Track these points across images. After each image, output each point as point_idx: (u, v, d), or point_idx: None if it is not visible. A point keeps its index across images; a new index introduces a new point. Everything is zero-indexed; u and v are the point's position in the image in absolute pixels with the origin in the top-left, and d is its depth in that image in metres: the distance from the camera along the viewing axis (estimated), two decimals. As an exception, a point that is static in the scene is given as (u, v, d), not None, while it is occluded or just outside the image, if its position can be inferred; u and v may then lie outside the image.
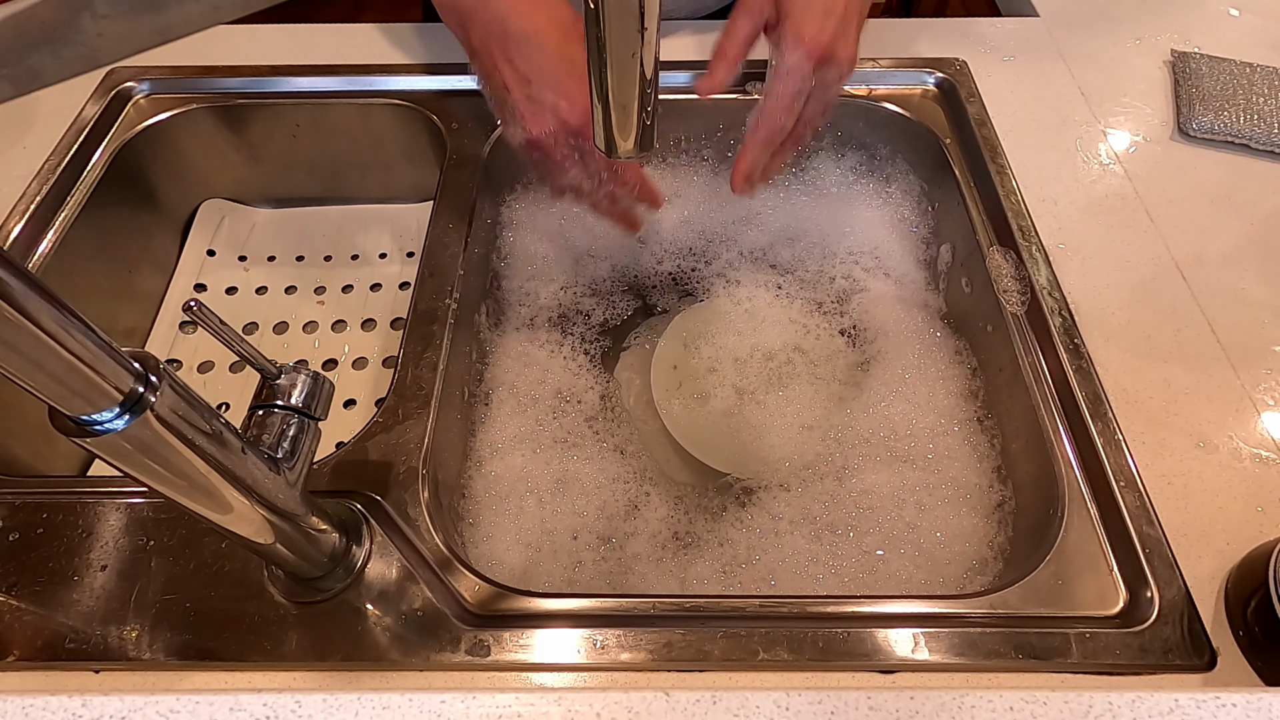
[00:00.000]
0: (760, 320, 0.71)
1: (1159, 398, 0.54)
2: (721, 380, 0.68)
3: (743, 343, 0.70)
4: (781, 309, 0.72)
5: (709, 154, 0.80)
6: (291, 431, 0.39)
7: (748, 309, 0.72)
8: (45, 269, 0.65)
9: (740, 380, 0.68)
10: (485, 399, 0.65)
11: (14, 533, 0.48)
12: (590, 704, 0.36)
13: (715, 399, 0.67)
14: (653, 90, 0.39)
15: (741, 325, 0.71)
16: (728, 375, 0.68)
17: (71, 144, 0.70)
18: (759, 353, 0.69)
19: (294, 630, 0.45)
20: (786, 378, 0.68)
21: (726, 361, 0.69)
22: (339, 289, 0.79)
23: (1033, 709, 0.35)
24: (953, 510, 0.58)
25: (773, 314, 0.72)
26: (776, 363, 0.69)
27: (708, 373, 0.69)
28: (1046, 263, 0.62)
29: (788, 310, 0.72)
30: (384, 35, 0.81)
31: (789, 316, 0.72)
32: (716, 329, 0.71)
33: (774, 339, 0.70)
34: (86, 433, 0.28)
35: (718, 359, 0.69)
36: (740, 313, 0.72)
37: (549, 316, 0.73)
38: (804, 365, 0.68)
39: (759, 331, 0.70)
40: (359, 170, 0.82)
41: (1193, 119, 0.71)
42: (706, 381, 0.69)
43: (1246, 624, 0.44)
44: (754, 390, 0.67)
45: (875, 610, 0.46)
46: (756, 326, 0.71)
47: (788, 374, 0.68)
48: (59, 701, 0.35)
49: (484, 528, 0.58)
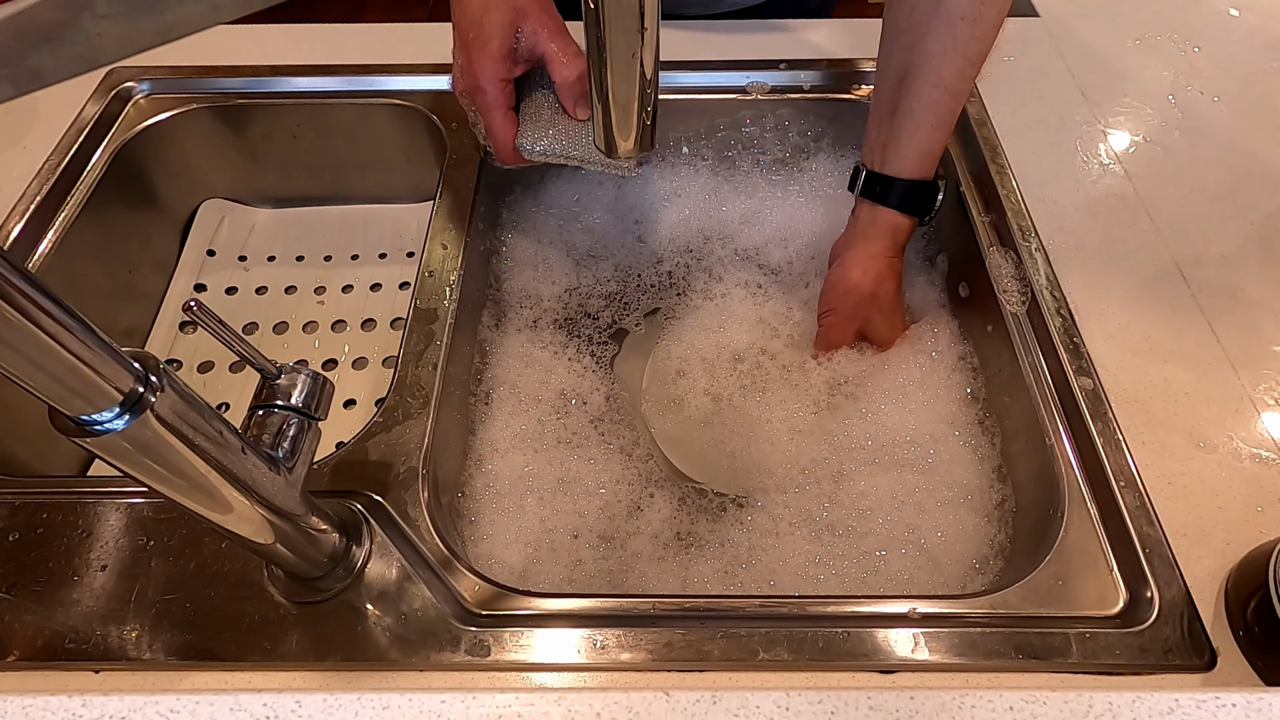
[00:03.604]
0: (737, 320, 0.71)
1: (1159, 398, 0.54)
2: (692, 385, 0.68)
3: (710, 341, 0.70)
4: (766, 307, 0.72)
5: (709, 154, 0.80)
6: (291, 431, 0.39)
7: (720, 308, 0.72)
8: (45, 269, 0.65)
9: (713, 385, 0.68)
10: (486, 399, 0.65)
11: (14, 533, 0.48)
12: (590, 704, 0.36)
13: (690, 406, 0.68)
14: (653, 90, 0.39)
15: (710, 324, 0.71)
16: (698, 380, 0.68)
17: (71, 144, 0.70)
18: (727, 353, 0.70)
19: (294, 630, 0.45)
20: (763, 382, 0.68)
21: (695, 364, 0.69)
22: (339, 289, 0.79)
23: (1033, 709, 0.35)
24: (952, 510, 0.58)
25: (756, 313, 0.72)
26: (748, 364, 0.69)
27: (677, 377, 0.69)
28: (1046, 263, 0.62)
29: (776, 308, 0.72)
30: (384, 35, 0.81)
31: (758, 316, 0.72)
32: (694, 338, 0.71)
33: (742, 338, 0.70)
34: (86, 433, 0.28)
35: (687, 360, 0.70)
36: (713, 311, 0.72)
37: (549, 317, 0.73)
38: (776, 370, 0.69)
39: (726, 331, 0.71)
40: (359, 170, 0.82)
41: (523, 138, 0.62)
42: (678, 387, 0.69)
43: (1246, 624, 0.44)
44: (730, 395, 0.67)
45: (875, 610, 0.46)
46: (735, 327, 0.71)
47: (767, 378, 0.68)
48: (59, 701, 0.35)
49: (484, 526, 0.58)
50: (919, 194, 0.62)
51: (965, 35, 0.56)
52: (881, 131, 0.62)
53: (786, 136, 0.80)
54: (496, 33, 0.57)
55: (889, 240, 0.63)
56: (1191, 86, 0.77)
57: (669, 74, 0.77)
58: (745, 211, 0.78)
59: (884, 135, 0.61)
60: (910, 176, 0.61)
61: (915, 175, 0.61)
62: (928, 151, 0.60)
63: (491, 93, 0.59)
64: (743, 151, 0.80)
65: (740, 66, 0.78)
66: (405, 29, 0.81)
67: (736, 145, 0.80)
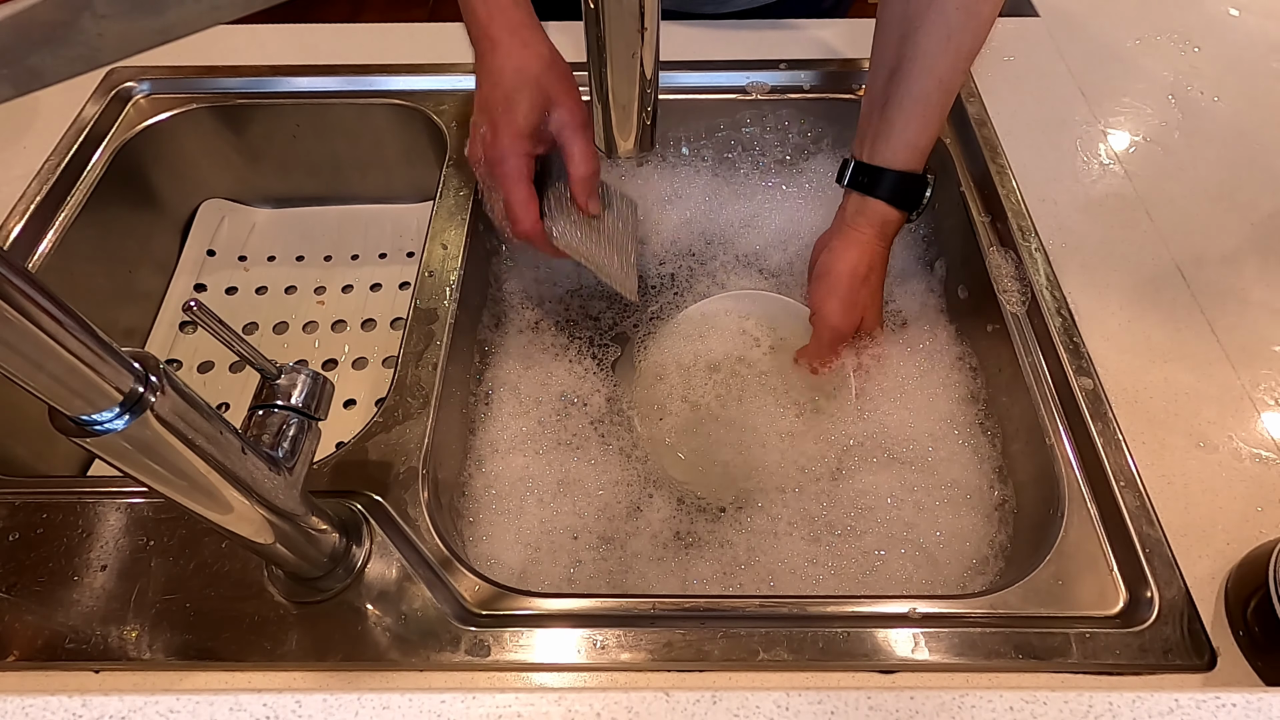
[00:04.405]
0: (723, 325, 0.71)
1: (1159, 398, 0.54)
2: (678, 389, 0.68)
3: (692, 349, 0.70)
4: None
5: (709, 154, 0.80)
6: (291, 431, 0.39)
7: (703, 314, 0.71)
8: (45, 269, 0.65)
9: (697, 393, 0.67)
10: (486, 399, 0.65)
11: (14, 533, 0.48)
12: (590, 704, 0.36)
13: (675, 415, 0.67)
14: (653, 90, 0.39)
15: (695, 330, 0.70)
16: (699, 385, 0.68)
17: (71, 144, 0.70)
18: (730, 357, 0.69)
19: (294, 630, 0.45)
20: (746, 388, 0.67)
21: (700, 370, 0.68)
22: (339, 289, 0.79)
23: (1033, 709, 0.35)
24: (952, 510, 0.58)
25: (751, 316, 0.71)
26: (723, 370, 0.68)
27: (661, 380, 0.68)
28: (1046, 263, 0.62)
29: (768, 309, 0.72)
30: (384, 35, 0.81)
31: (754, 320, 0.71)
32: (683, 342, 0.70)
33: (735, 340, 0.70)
34: (86, 433, 0.28)
35: (691, 367, 0.69)
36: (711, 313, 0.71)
37: (550, 318, 0.73)
38: (755, 377, 0.68)
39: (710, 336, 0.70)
40: (359, 170, 0.82)
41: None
42: (658, 391, 0.68)
43: (1246, 624, 0.44)
44: (721, 401, 0.67)
45: (875, 610, 0.46)
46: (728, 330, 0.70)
47: (746, 385, 0.67)
48: (59, 701, 0.35)
49: (484, 527, 0.58)
50: (908, 186, 0.61)
51: (959, 29, 0.56)
52: (872, 124, 0.61)
53: (786, 137, 0.80)
54: (527, 110, 0.58)
55: (876, 230, 0.62)
56: (1191, 86, 0.77)
57: (669, 74, 0.77)
58: (745, 214, 0.78)
59: (874, 127, 0.61)
60: (899, 168, 0.60)
61: (904, 167, 0.60)
62: (917, 144, 0.60)
63: (515, 164, 0.59)
64: (743, 153, 0.80)
65: (740, 66, 0.78)
66: (405, 29, 0.81)
67: (737, 145, 0.80)
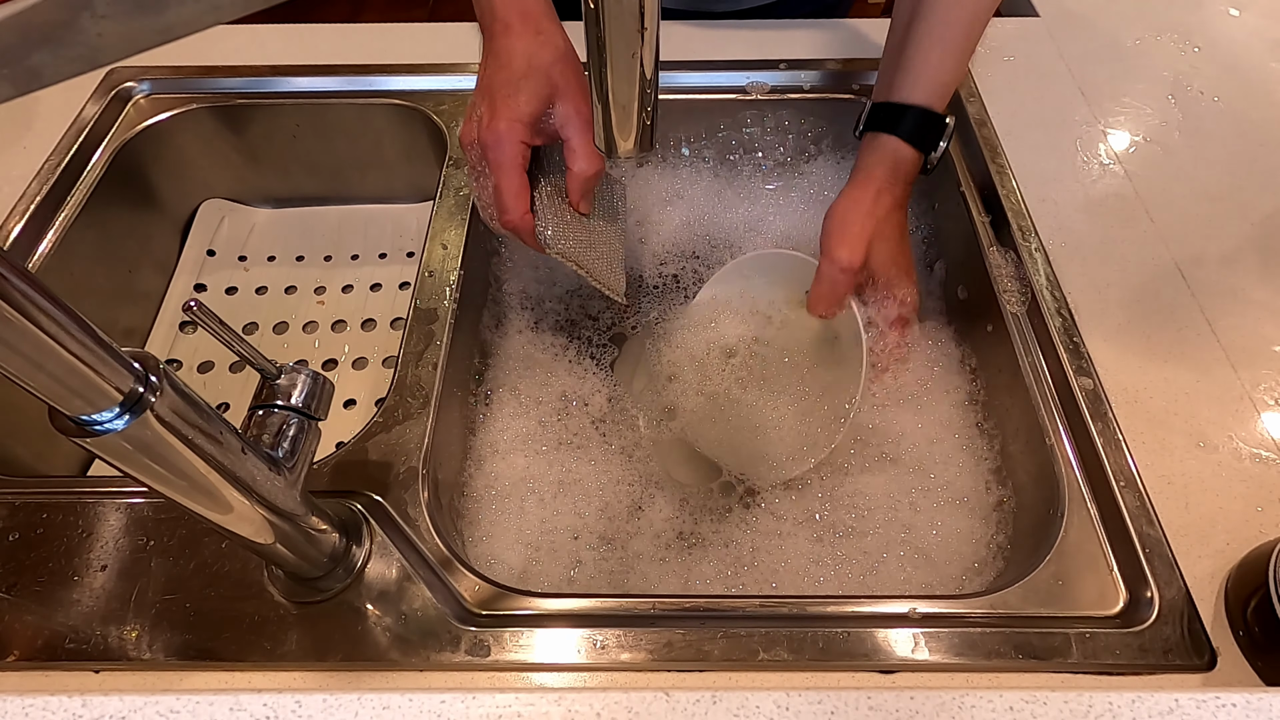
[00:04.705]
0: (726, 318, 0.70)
1: (1159, 398, 0.54)
2: (710, 380, 0.67)
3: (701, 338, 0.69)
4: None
5: (709, 154, 0.80)
6: (291, 431, 0.39)
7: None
8: (45, 269, 0.65)
9: (714, 383, 0.67)
10: (486, 399, 0.65)
11: (14, 533, 0.48)
12: (590, 704, 0.36)
13: (690, 411, 0.66)
14: (653, 90, 0.39)
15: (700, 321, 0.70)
16: (714, 374, 0.67)
17: (71, 144, 0.70)
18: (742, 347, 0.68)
19: (294, 630, 0.45)
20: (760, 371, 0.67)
21: (715, 354, 0.68)
22: (339, 289, 0.79)
23: (1033, 709, 0.35)
24: (952, 510, 0.58)
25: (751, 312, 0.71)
26: (739, 358, 0.68)
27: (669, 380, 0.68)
28: (1046, 263, 0.62)
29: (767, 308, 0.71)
30: (384, 35, 0.81)
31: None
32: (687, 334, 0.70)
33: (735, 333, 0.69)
34: (86, 433, 0.28)
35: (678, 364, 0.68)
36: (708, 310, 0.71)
37: (550, 318, 0.73)
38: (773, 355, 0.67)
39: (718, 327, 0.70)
40: (359, 170, 0.82)
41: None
42: (670, 388, 0.68)
43: (1246, 624, 0.44)
44: (742, 384, 0.66)
45: (875, 610, 0.46)
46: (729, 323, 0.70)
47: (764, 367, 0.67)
48: (59, 701, 0.35)
49: (484, 527, 0.58)
50: (925, 124, 0.59)
51: None
52: (890, 69, 0.60)
53: (787, 138, 0.80)
54: (530, 98, 0.55)
55: (890, 168, 0.59)
56: (1191, 86, 0.77)
57: (669, 74, 0.77)
58: (747, 215, 0.78)
59: (892, 70, 0.60)
60: (918, 102, 0.58)
61: (923, 102, 0.58)
62: (937, 78, 0.58)
63: (509, 151, 0.56)
64: (744, 155, 0.80)
65: (740, 66, 0.78)
66: (405, 29, 0.81)
67: (737, 145, 0.80)
